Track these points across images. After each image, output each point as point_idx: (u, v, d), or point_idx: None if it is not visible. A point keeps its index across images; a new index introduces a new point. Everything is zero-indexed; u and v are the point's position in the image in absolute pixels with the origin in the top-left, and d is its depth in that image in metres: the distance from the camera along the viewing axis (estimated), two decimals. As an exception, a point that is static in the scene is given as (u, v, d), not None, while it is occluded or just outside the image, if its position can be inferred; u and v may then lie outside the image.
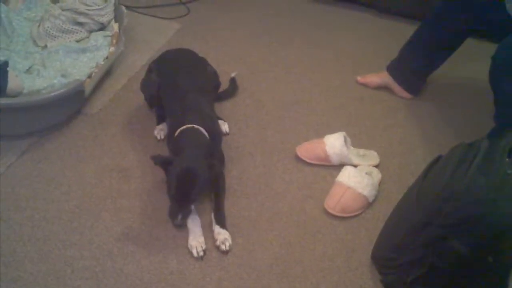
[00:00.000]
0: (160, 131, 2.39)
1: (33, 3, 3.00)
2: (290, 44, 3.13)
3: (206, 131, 2.06)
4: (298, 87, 2.77)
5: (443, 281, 1.65)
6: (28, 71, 2.58)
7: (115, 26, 2.89)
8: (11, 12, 2.89)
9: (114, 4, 2.94)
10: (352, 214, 2.08)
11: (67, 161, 2.28)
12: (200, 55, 2.53)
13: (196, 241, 1.93)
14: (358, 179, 2.10)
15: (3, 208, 2.06)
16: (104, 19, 2.88)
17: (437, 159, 1.75)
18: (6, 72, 2.30)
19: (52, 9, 2.86)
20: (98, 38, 2.81)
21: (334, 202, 2.09)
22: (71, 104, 2.43)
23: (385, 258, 1.83)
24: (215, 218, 2.00)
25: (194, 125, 2.05)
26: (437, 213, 1.56)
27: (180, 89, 2.21)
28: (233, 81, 2.70)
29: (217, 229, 1.97)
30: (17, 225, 2.00)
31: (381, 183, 2.21)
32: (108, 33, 2.87)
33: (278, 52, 3.05)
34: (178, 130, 2.05)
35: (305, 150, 2.32)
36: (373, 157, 2.32)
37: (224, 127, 2.42)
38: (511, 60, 2.06)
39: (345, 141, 2.28)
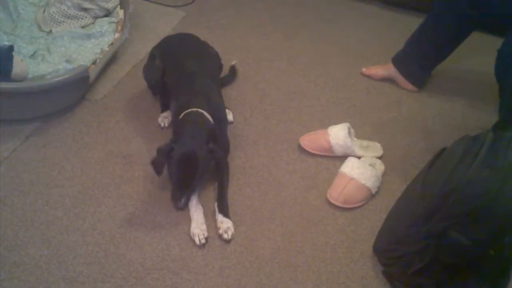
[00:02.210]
0: (164, 118, 2.39)
1: (39, -12, 2.99)
2: (295, 35, 3.11)
3: (211, 116, 2.06)
4: (303, 78, 2.77)
5: (445, 273, 1.65)
6: (33, 56, 2.58)
7: (121, 13, 2.88)
8: (17, -3, 2.89)
9: (120, -10, 2.94)
10: (355, 205, 2.08)
11: (71, 147, 2.28)
12: (204, 42, 2.53)
13: (198, 229, 1.93)
14: (361, 170, 2.10)
15: (7, 192, 2.07)
16: (109, 5, 2.87)
17: (442, 152, 1.75)
18: (11, 56, 2.30)
19: (57, -6, 2.86)
20: (103, 24, 2.80)
21: (337, 193, 2.09)
22: (76, 89, 2.43)
23: (387, 250, 1.83)
24: (218, 206, 2.01)
25: (199, 109, 2.05)
26: (440, 205, 1.56)
27: (188, 73, 2.21)
28: (233, 68, 2.71)
29: (220, 217, 1.97)
30: (20, 210, 2.01)
31: (384, 174, 2.21)
32: (113, 19, 2.86)
33: (283, 43, 3.04)
34: (183, 113, 2.04)
35: (309, 141, 2.31)
36: (377, 148, 2.32)
37: (229, 116, 2.41)
38: (517, 53, 2.06)
39: (349, 132, 2.27)
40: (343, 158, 2.22)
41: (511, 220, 1.49)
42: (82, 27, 2.83)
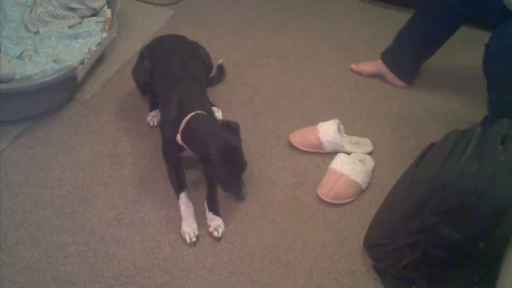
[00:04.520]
0: (153, 117, 2.38)
1: (25, -12, 2.97)
2: (284, 31, 3.11)
3: None
4: (292, 75, 2.76)
5: (435, 267, 1.66)
6: (20, 56, 2.57)
7: (108, 12, 2.87)
8: (3, -3, 2.86)
9: (107, -11, 2.92)
10: (345, 201, 2.09)
11: (60, 147, 2.27)
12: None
13: (189, 228, 1.93)
14: (351, 166, 2.10)
15: (-5, 193, 2.06)
16: (96, 5, 2.85)
17: (431, 146, 1.76)
18: (-3, 57, 2.29)
19: (44, -6, 2.84)
20: (91, 24, 2.79)
21: (327, 189, 2.09)
22: (64, 90, 2.42)
23: (377, 244, 1.83)
24: (208, 204, 2.01)
25: (203, 112, 2.03)
26: (429, 200, 1.56)
27: (173, 77, 2.19)
28: (220, 67, 2.70)
29: (210, 215, 1.97)
30: (9, 211, 2.00)
31: (374, 170, 2.21)
32: (100, 18, 2.84)
33: (273, 40, 3.04)
34: (189, 116, 1.99)
35: (299, 138, 2.31)
36: (366, 144, 2.32)
37: (218, 114, 2.40)
38: (504, 48, 2.06)
39: (339, 128, 2.28)
40: (333, 154, 2.22)
41: (501, 213, 1.50)
42: (70, 27, 2.81)
